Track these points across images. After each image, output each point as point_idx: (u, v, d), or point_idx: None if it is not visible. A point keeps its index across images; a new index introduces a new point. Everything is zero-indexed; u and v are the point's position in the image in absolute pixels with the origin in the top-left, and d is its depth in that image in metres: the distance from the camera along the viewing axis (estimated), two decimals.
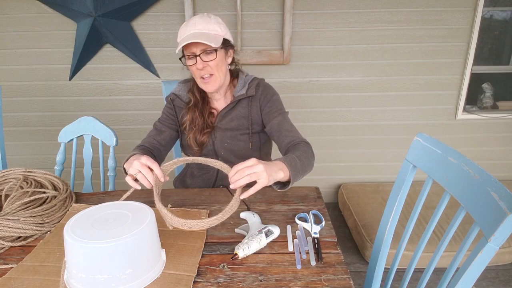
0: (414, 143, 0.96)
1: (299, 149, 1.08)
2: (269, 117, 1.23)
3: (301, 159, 1.03)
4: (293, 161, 0.98)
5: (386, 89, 2.39)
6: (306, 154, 1.07)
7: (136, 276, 0.73)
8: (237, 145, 1.26)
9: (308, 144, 1.14)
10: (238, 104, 1.25)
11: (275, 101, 1.26)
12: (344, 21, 2.23)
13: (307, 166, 1.06)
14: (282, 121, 1.21)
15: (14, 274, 0.79)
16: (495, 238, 0.65)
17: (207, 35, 1.09)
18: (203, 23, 1.11)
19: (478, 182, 0.73)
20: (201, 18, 1.12)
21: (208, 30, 1.11)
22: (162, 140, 1.27)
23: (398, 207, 0.99)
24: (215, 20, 1.14)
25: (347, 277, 0.78)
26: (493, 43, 2.45)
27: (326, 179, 2.61)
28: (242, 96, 1.23)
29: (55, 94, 2.36)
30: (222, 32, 1.14)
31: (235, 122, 1.25)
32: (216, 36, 1.11)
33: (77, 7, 2.12)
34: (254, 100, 1.24)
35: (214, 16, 1.15)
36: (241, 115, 1.25)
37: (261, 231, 0.89)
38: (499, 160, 2.56)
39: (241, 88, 1.25)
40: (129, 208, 0.81)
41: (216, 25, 1.13)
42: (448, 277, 0.79)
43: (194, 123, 1.25)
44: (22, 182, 1.09)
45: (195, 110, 1.25)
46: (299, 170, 0.99)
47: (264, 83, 1.29)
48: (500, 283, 1.80)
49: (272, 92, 1.27)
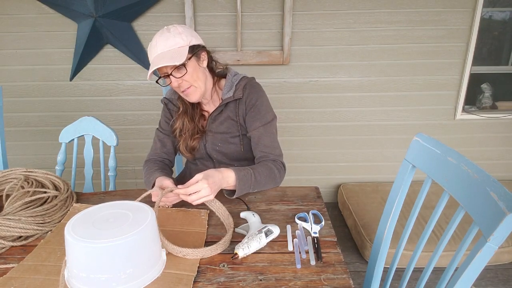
0: (413, 143, 0.96)
1: (265, 166, 1.14)
2: (251, 126, 1.21)
3: (260, 174, 1.10)
4: (246, 174, 1.06)
5: (385, 89, 2.39)
6: (269, 171, 1.13)
7: (137, 276, 0.74)
8: (228, 148, 1.25)
9: (277, 162, 1.18)
10: (227, 106, 1.22)
11: (259, 106, 1.21)
12: (344, 21, 2.24)
13: (265, 183, 1.12)
14: (262, 135, 1.20)
15: (15, 273, 0.80)
16: (494, 237, 0.65)
17: (170, 53, 1.06)
18: (163, 41, 1.07)
19: (477, 182, 0.74)
20: (160, 36, 1.07)
21: (169, 47, 1.06)
22: (168, 151, 1.32)
23: (397, 207, 1.00)
24: (174, 32, 1.08)
25: (347, 277, 0.78)
26: (492, 44, 2.46)
27: (326, 179, 2.62)
28: (230, 99, 1.20)
29: (56, 95, 2.36)
30: (185, 42, 1.08)
31: (225, 125, 1.23)
32: (179, 50, 1.07)
33: (78, 7, 2.13)
34: (241, 102, 1.21)
35: (173, 27, 1.10)
36: (230, 118, 1.23)
37: (261, 230, 0.90)
38: (498, 160, 2.56)
39: (228, 90, 1.21)
40: (130, 208, 0.81)
41: (177, 37, 1.07)
42: (447, 277, 0.79)
43: (184, 130, 1.25)
44: (23, 182, 1.10)
45: (185, 116, 1.24)
46: (251, 185, 1.07)
47: (252, 84, 1.23)
48: (499, 283, 1.80)
49: (257, 95, 1.22)
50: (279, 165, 1.18)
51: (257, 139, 1.20)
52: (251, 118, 1.21)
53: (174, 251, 0.84)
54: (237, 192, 1.05)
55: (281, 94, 2.36)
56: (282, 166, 1.20)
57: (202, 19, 2.23)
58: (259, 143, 1.20)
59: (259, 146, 1.20)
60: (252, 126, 1.21)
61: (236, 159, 1.27)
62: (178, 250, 0.84)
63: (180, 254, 0.84)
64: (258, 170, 1.11)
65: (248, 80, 1.24)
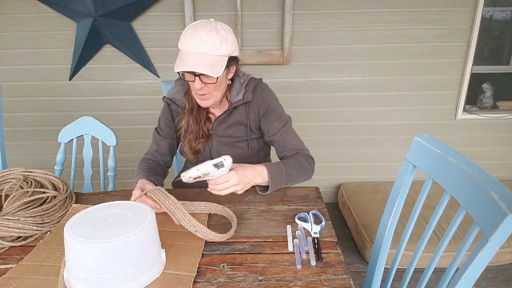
0: (414, 143, 0.96)
1: (295, 159, 1.13)
2: (271, 129, 1.18)
3: (291, 167, 1.09)
4: (278, 169, 1.05)
5: (386, 89, 2.39)
6: (299, 165, 1.12)
7: (136, 276, 0.73)
8: (234, 152, 1.22)
9: (307, 156, 1.16)
10: (235, 110, 1.19)
11: (274, 108, 1.19)
12: (344, 21, 2.24)
13: (297, 176, 1.11)
14: (286, 136, 1.17)
15: (14, 273, 0.79)
16: (495, 238, 0.65)
17: (211, 59, 0.99)
18: (210, 42, 0.98)
19: (478, 182, 0.73)
20: (208, 34, 0.98)
21: (213, 51, 0.99)
22: (163, 153, 1.30)
23: (398, 207, 0.99)
24: (223, 37, 1.00)
25: (347, 277, 0.78)
26: (493, 43, 2.45)
27: (326, 179, 2.61)
28: (239, 102, 1.16)
29: (55, 94, 2.36)
30: (229, 51, 1.02)
31: (233, 129, 1.21)
32: (220, 60, 1.01)
33: (77, 7, 2.12)
34: (251, 105, 1.18)
35: (222, 29, 1.01)
36: (239, 122, 1.20)
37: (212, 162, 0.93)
38: (499, 160, 2.56)
39: (237, 93, 1.17)
40: (129, 208, 0.81)
41: (224, 45, 1.00)
42: (448, 277, 0.79)
43: (189, 130, 1.21)
44: (22, 182, 1.09)
45: (190, 116, 1.20)
46: (283, 179, 1.07)
47: (262, 86, 1.20)
48: (500, 283, 1.80)
49: (270, 97, 1.20)
50: (309, 159, 1.17)
51: (283, 141, 1.18)
52: (268, 121, 1.18)
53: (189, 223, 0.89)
54: (271, 188, 1.04)
55: (281, 94, 2.32)
56: (312, 159, 1.18)
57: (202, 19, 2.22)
58: (286, 145, 1.18)
59: (287, 146, 1.18)
60: (272, 130, 1.18)
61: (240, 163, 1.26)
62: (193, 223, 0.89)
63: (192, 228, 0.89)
64: (289, 164, 1.10)
65: (257, 81, 1.20)
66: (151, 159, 1.28)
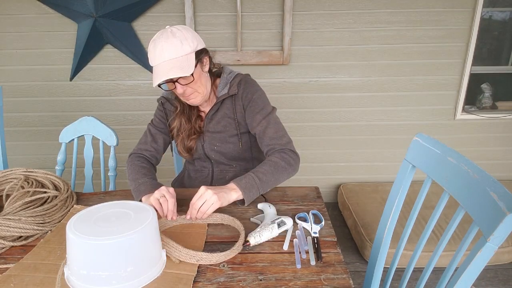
0: (413, 143, 0.96)
1: (268, 162, 1.09)
2: (253, 121, 1.18)
3: (264, 173, 1.05)
4: (248, 181, 1.02)
5: (385, 89, 2.39)
6: (273, 167, 1.07)
7: (137, 274, 0.74)
8: (227, 147, 1.24)
9: (284, 152, 1.12)
10: (223, 104, 1.22)
11: (257, 100, 1.19)
12: (344, 21, 2.24)
13: (275, 180, 1.07)
14: (265, 127, 1.16)
15: (15, 271, 0.80)
16: (494, 237, 0.65)
17: (178, 62, 1.02)
18: (170, 47, 1.02)
19: (477, 182, 0.74)
20: (166, 41, 1.02)
21: (176, 54, 1.02)
22: (158, 147, 1.29)
23: (397, 207, 1.00)
24: (181, 37, 1.03)
25: (347, 277, 0.78)
26: (492, 44, 2.46)
27: (326, 179, 2.62)
28: (225, 95, 1.19)
29: (56, 95, 2.37)
30: (192, 48, 1.05)
31: (222, 124, 1.22)
32: (187, 58, 1.04)
33: (78, 7, 2.13)
34: (237, 98, 1.20)
35: (178, 31, 1.04)
36: (227, 116, 1.22)
37: (274, 221, 0.93)
38: (498, 160, 2.56)
39: (223, 88, 1.20)
40: (131, 208, 0.82)
41: (184, 44, 1.03)
42: (447, 277, 0.79)
43: (181, 129, 1.24)
44: (23, 182, 1.10)
45: (182, 116, 1.23)
46: (258, 188, 1.03)
47: (247, 79, 1.22)
48: (499, 283, 1.80)
49: (254, 89, 1.20)
50: (288, 154, 1.12)
51: (262, 133, 1.16)
52: (251, 113, 1.19)
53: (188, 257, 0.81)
54: (247, 200, 1.01)
55: (281, 94, 2.36)
56: (292, 152, 1.13)
57: (202, 19, 2.23)
58: (264, 136, 1.16)
59: (265, 139, 1.16)
60: (254, 122, 1.18)
61: (234, 159, 1.27)
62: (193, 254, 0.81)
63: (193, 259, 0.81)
64: (260, 171, 1.06)
65: (242, 76, 1.23)
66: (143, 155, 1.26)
